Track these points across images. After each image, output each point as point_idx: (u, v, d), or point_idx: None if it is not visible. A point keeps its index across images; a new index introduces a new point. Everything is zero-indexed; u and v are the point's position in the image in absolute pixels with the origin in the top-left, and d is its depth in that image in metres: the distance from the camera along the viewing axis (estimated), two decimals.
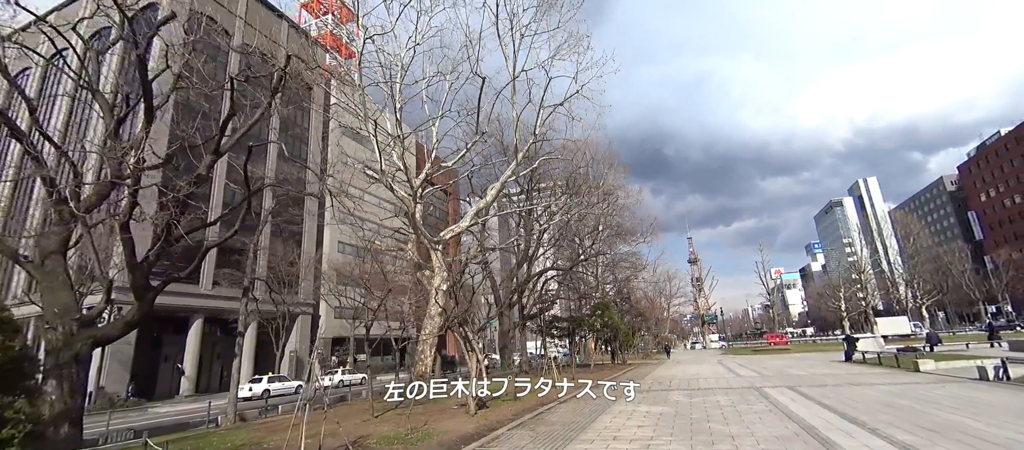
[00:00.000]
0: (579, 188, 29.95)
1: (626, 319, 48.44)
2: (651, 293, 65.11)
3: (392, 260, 34.21)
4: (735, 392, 13.51)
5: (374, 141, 19.93)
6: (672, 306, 79.19)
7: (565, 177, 32.53)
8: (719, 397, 12.60)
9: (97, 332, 11.31)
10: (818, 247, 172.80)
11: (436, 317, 23.00)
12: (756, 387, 14.40)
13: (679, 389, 15.34)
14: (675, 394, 13.96)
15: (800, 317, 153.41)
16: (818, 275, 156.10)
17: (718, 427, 8.56)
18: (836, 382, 14.32)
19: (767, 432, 7.87)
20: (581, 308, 46.31)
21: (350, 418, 13.02)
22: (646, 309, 60.66)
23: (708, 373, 21.95)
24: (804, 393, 12.26)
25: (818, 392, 12.32)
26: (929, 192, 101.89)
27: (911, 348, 22.75)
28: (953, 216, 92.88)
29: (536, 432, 9.24)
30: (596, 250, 39.42)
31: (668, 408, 11.21)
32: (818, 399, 11.11)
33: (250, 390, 32.23)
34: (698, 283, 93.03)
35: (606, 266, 44.80)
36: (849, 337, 24.02)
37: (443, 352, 63.10)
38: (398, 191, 22.31)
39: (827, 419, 8.64)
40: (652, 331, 64.52)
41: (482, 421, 10.87)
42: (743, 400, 11.75)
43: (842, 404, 10.18)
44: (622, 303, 50.05)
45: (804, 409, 9.86)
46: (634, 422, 9.62)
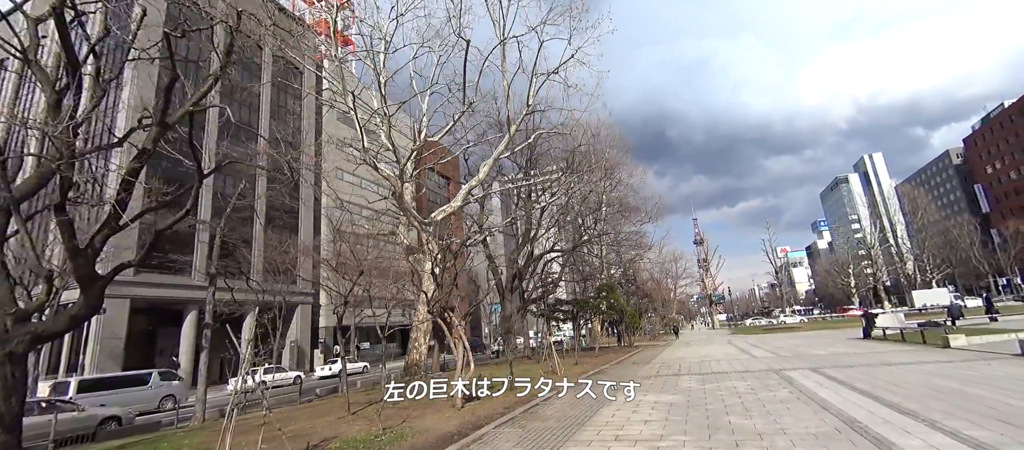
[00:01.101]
0: (579, 165, 28.46)
1: (632, 301, 47.29)
2: (657, 274, 64.00)
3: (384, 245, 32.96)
4: (753, 376, 12.25)
5: (354, 116, 18.51)
6: (678, 287, 78.13)
7: (565, 155, 31.05)
8: (736, 382, 11.33)
9: (36, 328, 10.05)
10: (824, 224, 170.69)
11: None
12: (775, 370, 13.13)
13: (690, 373, 14.09)
14: (686, 380, 12.70)
15: (806, 295, 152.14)
16: (824, 253, 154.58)
17: (740, 421, 7.28)
18: (863, 362, 13.02)
19: (801, 427, 6.58)
20: (585, 291, 45.16)
21: (325, 415, 11.85)
22: (652, 290, 59.51)
23: (720, 354, 20.73)
24: (831, 376, 10.97)
25: (846, 374, 11.03)
26: (935, 166, 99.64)
27: (933, 323, 21.41)
28: (959, 189, 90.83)
29: (526, 430, 8.00)
30: (599, 230, 38.09)
31: (679, 397, 9.94)
32: (849, 383, 9.82)
33: (244, 383, 31.27)
34: (705, 264, 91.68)
35: (610, 246, 43.47)
36: (867, 313, 22.69)
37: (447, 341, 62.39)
38: (383, 170, 20.94)
39: (868, 408, 7.34)
40: (659, 312, 63.40)
41: (468, 417, 9.65)
42: (764, 385, 10.48)
43: (879, 389, 8.88)
44: (628, 285, 48.87)
45: (836, 396, 8.57)
46: (640, 415, 8.36)
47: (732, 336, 40.68)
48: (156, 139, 10.88)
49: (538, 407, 10.02)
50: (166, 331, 40.56)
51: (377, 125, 25.09)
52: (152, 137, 10.65)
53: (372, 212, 29.15)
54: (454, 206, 21.97)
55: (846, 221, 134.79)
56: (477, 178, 22.19)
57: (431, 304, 11.66)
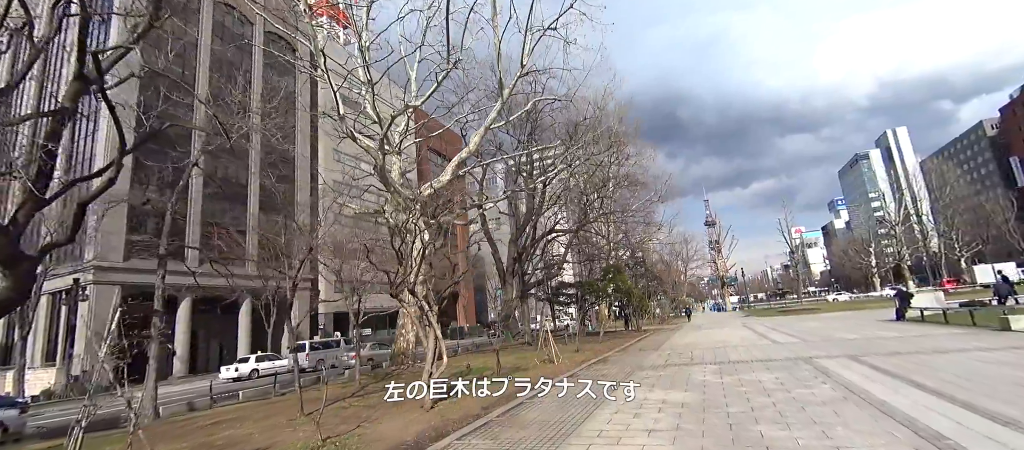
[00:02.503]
0: (583, 136, 26.36)
1: (641, 283, 45.37)
2: (667, 256, 61.90)
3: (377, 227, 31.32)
4: (779, 366, 10.36)
5: (326, 77, 16.68)
6: (689, 269, 75.99)
7: (567, 126, 28.96)
8: (761, 375, 9.46)
9: None
10: (842, 204, 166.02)
11: (417, 287, 20.17)
12: (804, 358, 11.22)
13: (704, 362, 12.24)
14: (699, 371, 10.86)
15: (822, 276, 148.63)
16: (841, 233, 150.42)
17: (775, 432, 5.43)
18: (910, 348, 11.05)
19: (863, 444, 4.72)
20: (591, 273, 43.29)
21: (277, 415, 10.25)
22: (662, 272, 57.49)
23: (736, 339, 18.82)
24: (878, 367, 9.04)
25: (896, 365, 9.09)
26: (967, 138, 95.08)
27: (976, 302, 19.23)
28: (993, 163, 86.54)
29: (498, 441, 6.25)
30: (606, 208, 36.07)
31: (692, 395, 8.12)
32: (905, 376, 7.90)
33: (236, 371, 30.27)
34: (717, 245, 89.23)
35: (618, 226, 41.44)
36: (901, 292, 20.55)
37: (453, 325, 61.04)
38: (362, 141, 19.15)
39: (951, 416, 5.44)
40: (669, 295, 61.38)
41: (435, 421, 7.95)
42: (796, 379, 8.60)
43: (949, 385, 6.96)
44: (636, 267, 46.92)
45: (898, 396, 6.67)
46: (643, 422, 6.56)
47: (747, 318, 38.66)
48: (75, 96, 9.18)
49: (521, 409, 8.28)
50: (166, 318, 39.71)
51: (360, 94, 23.26)
52: (69, 94, 8.96)
53: (359, 189, 27.45)
54: (443, 179, 20.16)
55: (866, 199, 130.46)
56: (467, 149, 20.31)
57: (393, 285, 9.94)
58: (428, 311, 9.78)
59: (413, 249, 20.98)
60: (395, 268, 10.50)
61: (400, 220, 21.48)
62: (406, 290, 9.94)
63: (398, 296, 9.99)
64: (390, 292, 10.05)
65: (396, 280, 9.74)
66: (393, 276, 9.81)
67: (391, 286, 9.72)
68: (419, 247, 20.15)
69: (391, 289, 9.80)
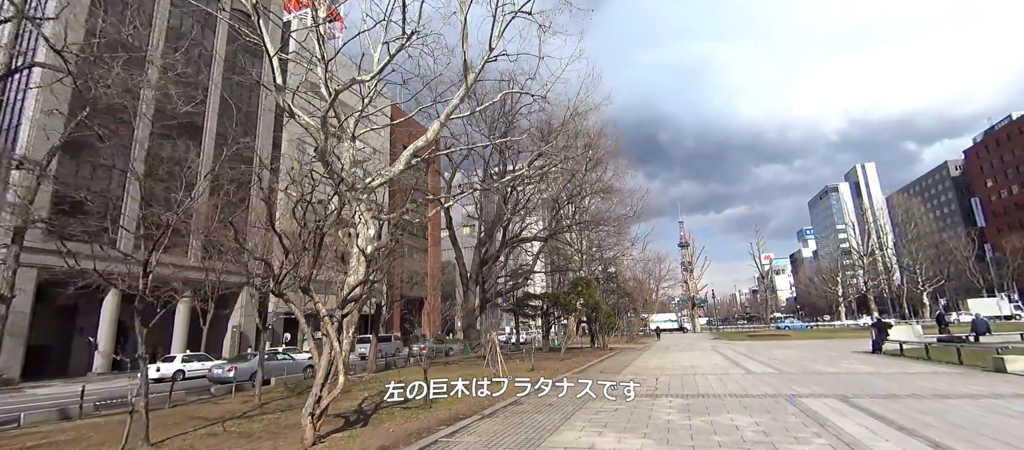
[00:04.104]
0: (556, 136, 24.70)
1: (612, 299, 43.89)
2: (640, 274, 60.92)
3: None
4: (758, 405, 8.64)
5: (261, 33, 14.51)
6: (660, 289, 75.36)
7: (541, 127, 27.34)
8: (737, 416, 7.70)
9: None
10: (810, 233, 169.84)
11: (356, 288, 17.93)
12: (785, 395, 9.55)
13: (670, 394, 10.46)
14: (664, 406, 9.06)
15: (788, 302, 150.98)
16: (808, 261, 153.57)
17: None
18: (905, 390, 9.50)
19: None
20: (560, 285, 41.60)
21: (113, 442, 7.93)
22: (634, 289, 56.26)
23: (706, 365, 17.21)
24: (877, 414, 7.38)
25: (897, 412, 7.46)
26: (932, 177, 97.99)
27: (955, 338, 18.17)
28: (955, 202, 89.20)
29: None
30: (579, 219, 34.49)
31: (652, 444, 6.25)
32: (915, 429, 6.24)
33: (158, 371, 27.22)
34: (689, 266, 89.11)
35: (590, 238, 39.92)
36: (879, 323, 19.39)
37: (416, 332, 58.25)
38: (301, 119, 16.96)
39: None
40: (639, 313, 60.19)
41: None
42: (781, 427, 6.85)
43: (976, 446, 5.29)
44: (608, 282, 45.49)
45: None
46: None
47: (716, 341, 37.48)
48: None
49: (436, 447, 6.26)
50: (87, 308, 36.04)
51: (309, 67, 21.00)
52: None
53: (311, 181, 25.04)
54: (394, 171, 18.03)
55: (834, 230, 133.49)
56: (425, 137, 18.25)
57: (278, 278, 7.84)
58: (327, 319, 7.69)
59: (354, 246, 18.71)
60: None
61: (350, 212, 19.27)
62: (298, 288, 7.86)
63: (283, 295, 7.87)
64: (272, 289, 7.94)
65: (280, 274, 7.63)
66: (279, 268, 7.70)
67: (273, 282, 7.61)
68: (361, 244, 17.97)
69: (273, 285, 7.69)
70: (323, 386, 7.27)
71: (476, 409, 9.49)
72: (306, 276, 7.94)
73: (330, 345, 7.57)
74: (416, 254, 71.63)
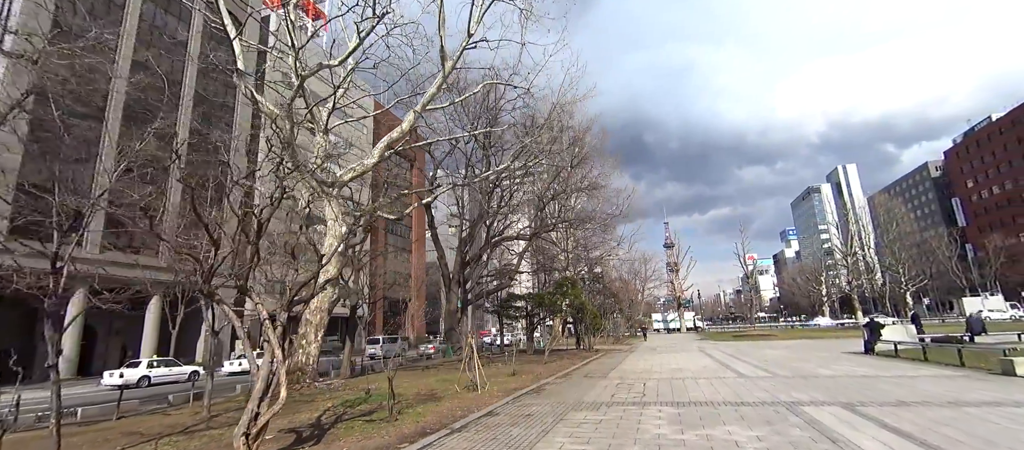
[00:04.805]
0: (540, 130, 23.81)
1: (598, 300, 43.17)
2: (626, 274, 60.50)
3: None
4: (757, 415, 7.80)
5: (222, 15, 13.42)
6: (646, 289, 75.16)
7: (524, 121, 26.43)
8: (736, 430, 6.82)
9: None
10: (793, 234, 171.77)
11: (327, 288, 16.78)
12: (785, 403, 8.73)
13: (659, 402, 9.59)
14: (654, 417, 8.17)
15: (771, 302, 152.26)
16: (791, 261, 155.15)
17: None
18: (915, 397, 8.74)
19: None
20: (545, 285, 40.75)
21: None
22: (619, 290, 55.70)
23: (694, 367, 16.43)
24: (892, 426, 6.57)
25: (913, 422, 6.66)
26: (912, 177, 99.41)
27: (950, 338, 17.67)
28: (935, 203, 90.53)
29: None
30: (564, 217, 33.65)
31: None
32: (941, 447, 5.42)
33: (121, 377, 25.69)
34: (675, 267, 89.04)
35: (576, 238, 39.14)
36: (872, 323, 18.83)
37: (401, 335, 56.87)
38: (265, 105, 15.81)
39: None
40: (625, 314, 59.62)
41: None
42: (785, 441, 5.99)
43: None
44: (594, 283, 44.81)
45: None
46: None
47: (702, 342, 36.92)
48: None
49: None
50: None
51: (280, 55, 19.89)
52: None
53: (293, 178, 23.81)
54: (368, 164, 17.01)
55: (816, 231, 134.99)
56: (400, 129, 17.24)
57: (205, 277, 6.78)
58: (268, 323, 6.61)
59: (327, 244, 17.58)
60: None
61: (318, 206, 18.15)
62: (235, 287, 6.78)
63: (213, 294, 6.79)
64: (200, 288, 6.87)
65: (209, 269, 6.55)
66: (205, 261, 6.63)
67: (203, 277, 6.54)
68: (330, 241, 16.86)
69: (202, 282, 6.62)
70: (262, 401, 6.22)
71: (446, 421, 8.50)
72: (244, 272, 6.86)
73: (271, 353, 6.51)
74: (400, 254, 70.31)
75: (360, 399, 11.28)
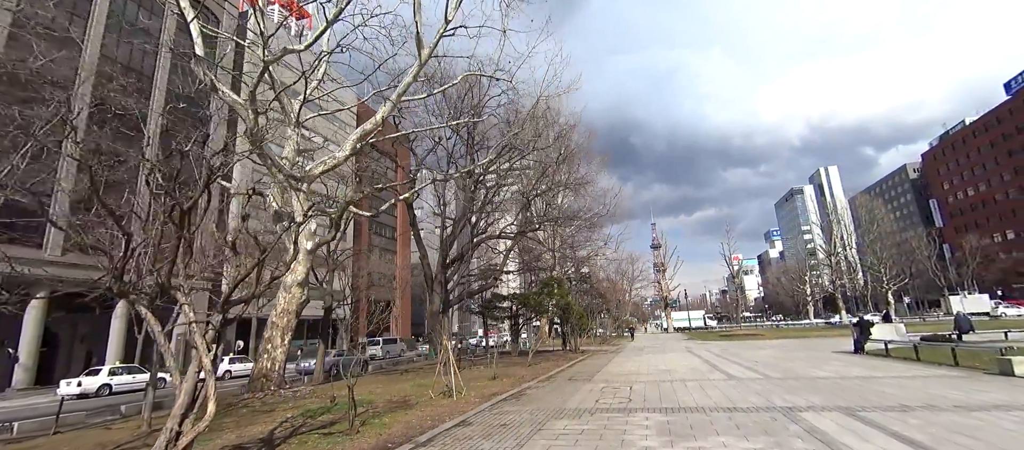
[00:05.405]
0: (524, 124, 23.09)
1: (586, 300, 42.63)
2: (613, 275, 60.16)
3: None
4: (752, 423, 7.14)
5: None
6: (633, 289, 75.06)
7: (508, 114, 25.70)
8: (730, 441, 6.14)
9: None
10: (777, 234, 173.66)
11: (293, 289, 15.81)
12: (780, 408, 8.11)
13: (647, 408, 8.90)
14: (640, 427, 7.46)
15: (756, 302, 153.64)
16: (775, 261, 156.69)
17: None
18: (918, 401, 8.17)
19: None
20: (531, 286, 40.07)
21: None
22: (607, 290, 55.28)
23: (683, 368, 15.83)
24: (902, 435, 5.95)
25: (922, 430, 6.06)
26: (891, 179, 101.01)
27: (939, 337, 17.37)
28: (914, 203, 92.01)
29: None
30: (550, 215, 32.99)
31: None
32: None
33: (79, 386, 24.34)
34: (662, 267, 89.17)
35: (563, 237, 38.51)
36: (862, 321, 18.45)
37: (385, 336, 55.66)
38: (228, 95, 14.82)
39: None
40: (612, 314, 59.23)
41: None
42: None
43: None
44: (581, 282, 44.27)
45: None
46: None
47: (690, 342, 36.55)
48: None
49: None
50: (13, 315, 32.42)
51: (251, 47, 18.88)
52: None
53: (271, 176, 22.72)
54: (340, 157, 16.09)
55: (799, 232, 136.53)
56: (374, 120, 16.35)
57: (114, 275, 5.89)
58: (195, 329, 5.75)
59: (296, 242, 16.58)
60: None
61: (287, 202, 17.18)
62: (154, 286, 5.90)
63: (125, 293, 5.90)
64: (109, 286, 5.98)
65: (120, 265, 5.67)
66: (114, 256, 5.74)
67: (113, 274, 5.65)
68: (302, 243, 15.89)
69: (112, 280, 5.73)
70: (184, 418, 5.35)
71: (413, 433, 7.69)
72: (167, 269, 5.96)
73: (199, 361, 5.65)
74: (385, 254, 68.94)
75: (324, 408, 10.40)
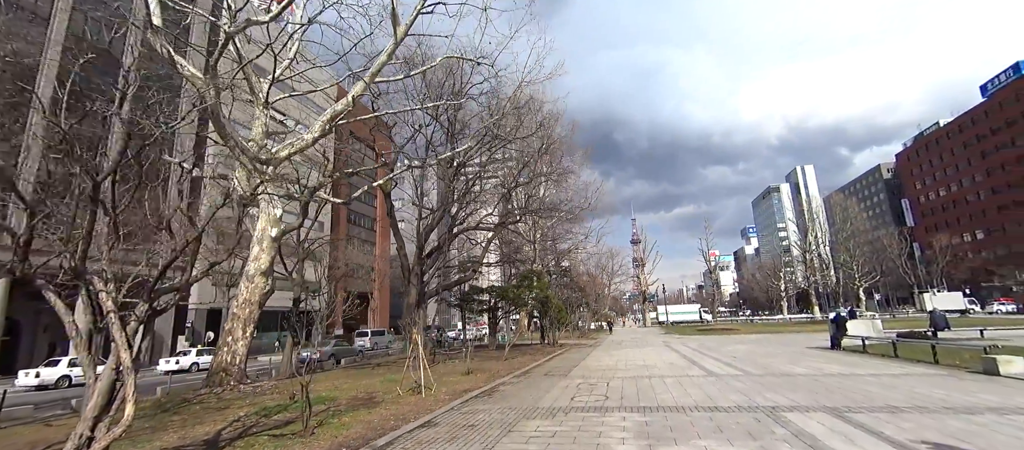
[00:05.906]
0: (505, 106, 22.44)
1: (565, 294, 42.33)
2: (593, 269, 60.16)
3: None
4: (735, 424, 6.71)
5: None
6: (613, 284, 75.41)
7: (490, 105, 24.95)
8: (713, 445, 5.68)
9: None
10: (753, 231, 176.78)
11: (256, 278, 14.93)
12: (763, 408, 7.72)
13: (623, 406, 8.44)
14: (616, 428, 6.97)
15: (731, 298, 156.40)
16: (751, 258, 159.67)
17: None
18: (906, 402, 7.87)
19: None
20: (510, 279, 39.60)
21: None
22: (586, 284, 55.21)
23: (661, 364, 15.50)
24: (898, 442, 5.57)
25: (919, 437, 5.69)
26: (866, 179, 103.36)
27: (915, 333, 17.46)
28: (887, 203, 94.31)
29: None
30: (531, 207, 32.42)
31: None
32: None
33: (37, 377, 23.06)
34: (641, 262, 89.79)
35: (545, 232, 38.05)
36: (839, 318, 18.42)
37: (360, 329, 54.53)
38: (187, 68, 13.80)
39: None
40: (591, 308, 59.25)
41: None
42: None
43: None
44: (561, 276, 43.95)
45: None
46: None
47: (667, 336, 36.58)
48: None
49: None
50: None
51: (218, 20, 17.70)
52: None
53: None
54: (309, 139, 15.20)
55: (775, 229, 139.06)
56: (345, 101, 15.47)
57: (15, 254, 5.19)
58: (113, 317, 5.00)
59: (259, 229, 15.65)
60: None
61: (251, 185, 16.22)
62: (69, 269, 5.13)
63: (27, 276, 5.13)
64: (10, 269, 5.19)
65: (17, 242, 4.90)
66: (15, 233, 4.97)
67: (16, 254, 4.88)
68: (262, 225, 14.98)
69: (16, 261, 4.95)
70: (98, 421, 4.63)
71: (372, 435, 7.06)
72: (80, 250, 5.19)
73: (115, 356, 4.92)
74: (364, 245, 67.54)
75: (280, 406, 9.68)
